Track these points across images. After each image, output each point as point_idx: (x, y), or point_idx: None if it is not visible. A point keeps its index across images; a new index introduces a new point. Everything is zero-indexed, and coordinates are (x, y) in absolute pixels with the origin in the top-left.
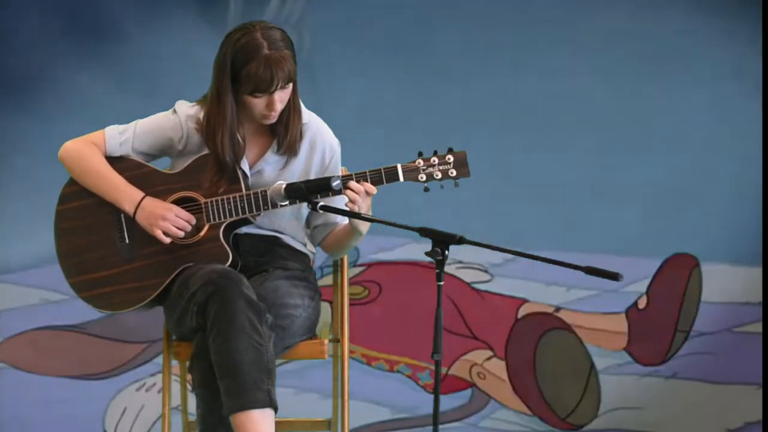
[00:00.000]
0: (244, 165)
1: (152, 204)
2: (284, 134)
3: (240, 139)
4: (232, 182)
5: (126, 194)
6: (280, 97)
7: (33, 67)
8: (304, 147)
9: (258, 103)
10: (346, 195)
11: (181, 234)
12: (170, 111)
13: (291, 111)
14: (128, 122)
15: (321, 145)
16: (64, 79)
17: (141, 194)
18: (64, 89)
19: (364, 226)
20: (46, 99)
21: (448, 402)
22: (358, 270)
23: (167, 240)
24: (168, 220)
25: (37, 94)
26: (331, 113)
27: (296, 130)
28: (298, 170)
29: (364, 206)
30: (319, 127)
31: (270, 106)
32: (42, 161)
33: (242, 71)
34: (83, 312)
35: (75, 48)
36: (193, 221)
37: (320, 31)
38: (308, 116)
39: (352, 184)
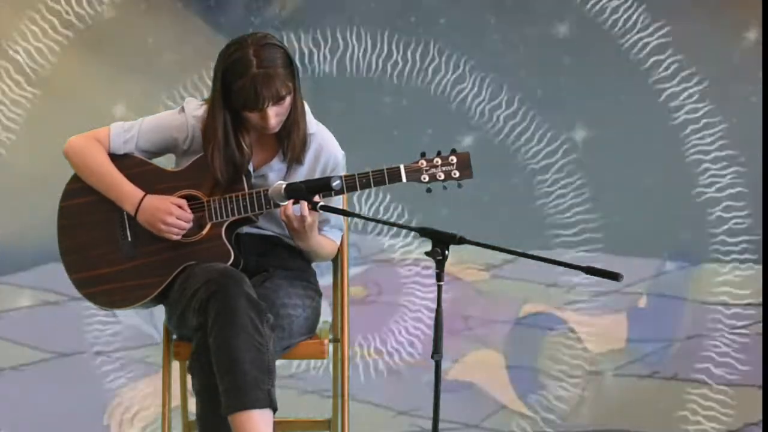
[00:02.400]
0: (249, 167)
1: (153, 204)
2: (287, 143)
3: (246, 147)
4: (235, 182)
5: (127, 194)
6: (275, 112)
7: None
8: (308, 157)
9: (252, 117)
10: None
11: (183, 233)
12: (177, 109)
13: (293, 123)
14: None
15: (325, 156)
16: (64, 76)
17: (141, 194)
18: (65, 86)
19: (303, 243)
20: (46, 93)
21: (448, 402)
22: (358, 270)
23: (174, 237)
24: (169, 223)
25: (37, 88)
26: (332, 113)
27: (299, 140)
28: (301, 179)
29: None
30: (324, 137)
31: (264, 120)
32: (41, 158)
33: (233, 87)
34: (82, 312)
35: (75, 44)
36: (191, 218)
37: (320, 30)
38: (315, 127)
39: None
